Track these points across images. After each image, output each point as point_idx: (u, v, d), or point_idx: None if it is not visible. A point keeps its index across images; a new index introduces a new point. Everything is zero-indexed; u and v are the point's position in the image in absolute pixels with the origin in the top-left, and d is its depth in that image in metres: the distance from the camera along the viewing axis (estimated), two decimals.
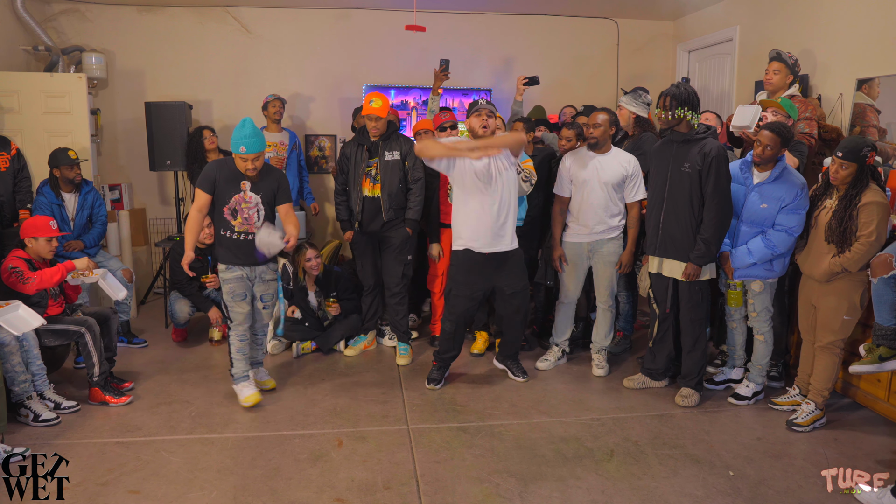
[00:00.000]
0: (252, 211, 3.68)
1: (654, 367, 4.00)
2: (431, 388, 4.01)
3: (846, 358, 3.53)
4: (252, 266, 3.74)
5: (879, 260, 3.12)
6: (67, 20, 5.96)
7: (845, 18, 4.48)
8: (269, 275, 3.84)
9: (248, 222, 3.68)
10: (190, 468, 3.06)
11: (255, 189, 3.68)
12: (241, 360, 3.79)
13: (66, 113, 5.29)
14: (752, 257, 3.60)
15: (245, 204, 3.67)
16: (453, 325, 3.99)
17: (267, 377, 4.03)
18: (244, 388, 3.77)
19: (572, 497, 2.85)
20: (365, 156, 4.38)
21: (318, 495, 2.84)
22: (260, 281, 3.80)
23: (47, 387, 3.65)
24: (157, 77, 6.18)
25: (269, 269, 3.82)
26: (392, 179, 4.37)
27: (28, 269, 3.69)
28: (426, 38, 6.01)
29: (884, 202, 3.23)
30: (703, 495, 2.86)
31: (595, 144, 4.03)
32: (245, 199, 3.67)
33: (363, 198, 4.40)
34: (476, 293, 3.94)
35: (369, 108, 4.24)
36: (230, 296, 3.72)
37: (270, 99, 5.66)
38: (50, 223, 3.84)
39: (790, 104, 3.84)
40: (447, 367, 4.12)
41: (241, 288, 3.73)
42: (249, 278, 3.76)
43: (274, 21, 6.28)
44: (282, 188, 3.77)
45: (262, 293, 3.83)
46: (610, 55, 6.76)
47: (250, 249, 3.65)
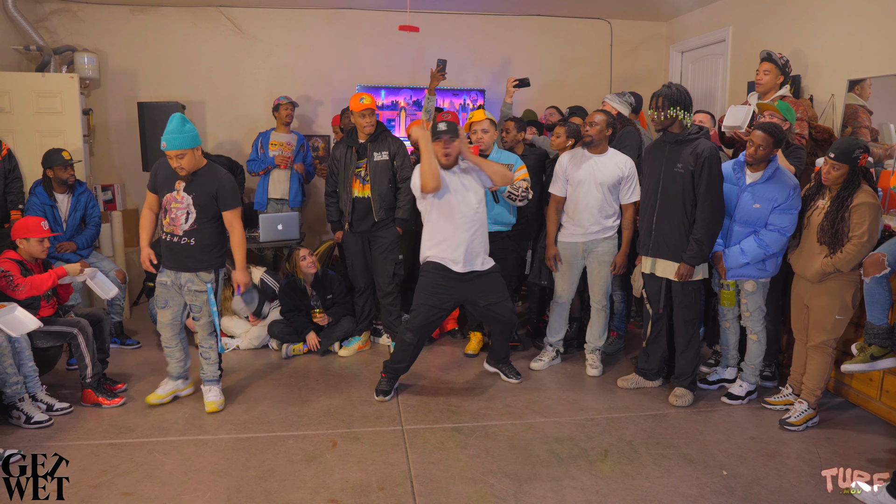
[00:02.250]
0: (181, 212, 3.52)
1: (648, 367, 4.01)
2: (381, 399, 3.83)
3: (838, 357, 3.55)
4: (178, 272, 3.59)
5: (871, 259, 3.15)
6: (59, 20, 5.93)
7: (837, 20, 4.51)
8: (197, 286, 3.59)
9: (175, 223, 3.53)
10: (183, 470, 3.05)
11: (188, 189, 3.52)
12: (169, 361, 3.78)
13: (57, 113, 5.27)
14: (745, 257, 3.61)
15: (175, 204, 3.52)
16: (415, 335, 3.81)
17: (214, 398, 3.71)
18: (161, 385, 3.80)
19: (567, 497, 2.85)
20: (354, 157, 4.39)
21: (313, 496, 2.84)
22: (187, 291, 3.60)
23: (39, 388, 3.63)
24: (149, 77, 6.16)
25: (197, 279, 3.58)
26: (381, 179, 4.38)
27: (20, 271, 3.67)
28: (419, 39, 6.01)
29: (875, 203, 3.25)
30: (696, 495, 2.87)
31: (591, 143, 4.04)
32: (176, 198, 3.53)
33: (353, 199, 4.41)
34: (445, 303, 3.82)
35: (361, 105, 4.25)
36: (156, 300, 3.71)
37: (283, 102, 5.62)
38: (41, 224, 3.81)
39: (787, 107, 3.86)
40: (397, 379, 3.97)
41: (162, 295, 3.65)
42: (174, 285, 3.62)
43: (267, 21, 6.26)
44: (222, 193, 3.54)
45: (191, 304, 3.64)
46: (603, 56, 6.78)
47: (177, 252, 3.55)
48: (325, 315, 4.70)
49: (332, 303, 4.77)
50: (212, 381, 3.76)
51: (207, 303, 3.63)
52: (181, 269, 3.58)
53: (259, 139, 5.62)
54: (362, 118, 4.30)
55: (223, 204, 3.58)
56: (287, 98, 5.68)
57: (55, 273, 3.75)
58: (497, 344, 4.13)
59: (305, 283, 4.72)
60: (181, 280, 3.60)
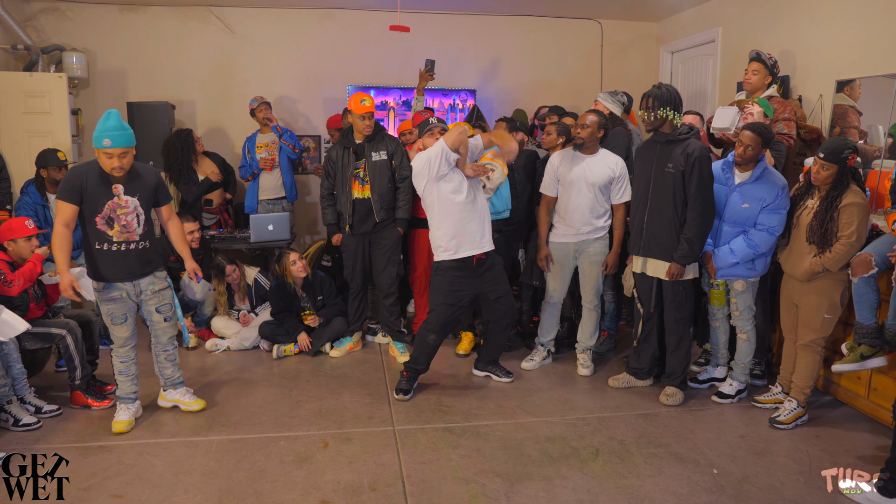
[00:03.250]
0: (131, 217, 3.32)
1: (639, 366, 4.03)
2: (401, 398, 3.86)
3: (827, 356, 3.58)
4: (136, 279, 3.41)
5: (859, 259, 3.17)
6: (47, 19, 5.89)
7: (826, 20, 4.54)
8: (159, 284, 3.48)
9: (128, 230, 3.32)
10: (174, 471, 3.03)
11: (129, 192, 3.31)
12: (125, 380, 3.53)
13: (46, 113, 5.24)
14: (734, 257, 3.63)
15: (121, 210, 3.29)
16: (439, 337, 3.89)
17: (193, 398, 3.71)
18: (121, 411, 3.51)
19: (558, 496, 2.86)
20: (352, 158, 4.38)
21: (304, 497, 2.83)
22: (150, 294, 3.47)
23: (28, 390, 3.61)
24: (139, 77, 6.12)
25: (156, 279, 3.47)
26: (381, 180, 4.37)
27: (10, 271, 3.64)
28: (410, 39, 6.01)
29: (864, 203, 3.28)
30: (687, 493, 2.88)
31: (582, 145, 4.05)
32: (120, 203, 3.29)
33: (353, 200, 4.39)
34: (462, 300, 3.88)
35: (363, 108, 4.25)
36: (109, 318, 3.41)
37: (255, 105, 5.57)
38: (25, 223, 3.76)
39: (766, 103, 3.89)
40: (417, 379, 4.00)
41: (120, 310, 3.41)
42: (132, 296, 3.43)
43: (257, 21, 6.24)
44: (161, 187, 3.44)
45: (158, 305, 3.50)
46: (594, 56, 6.79)
47: (133, 260, 3.35)
48: (316, 317, 4.69)
49: (323, 304, 4.76)
50: (181, 383, 3.75)
51: (173, 298, 3.59)
52: (138, 277, 3.42)
53: (246, 144, 5.61)
54: (362, 120, 4.29)
55: (164, 198, 3.49)
56: (259, 99, 5.61)
57: (36, 256, 3.65)
58: (495, 339, 4.11)
59: (295, 285, 4.71)
60: (140, 286, 3.44)
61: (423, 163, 3.69)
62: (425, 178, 3.70)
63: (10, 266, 3.67)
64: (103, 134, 3.19)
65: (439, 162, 3.64)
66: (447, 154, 3.64)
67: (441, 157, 3.63)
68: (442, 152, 3.63)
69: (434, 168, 3.65)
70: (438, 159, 3.64)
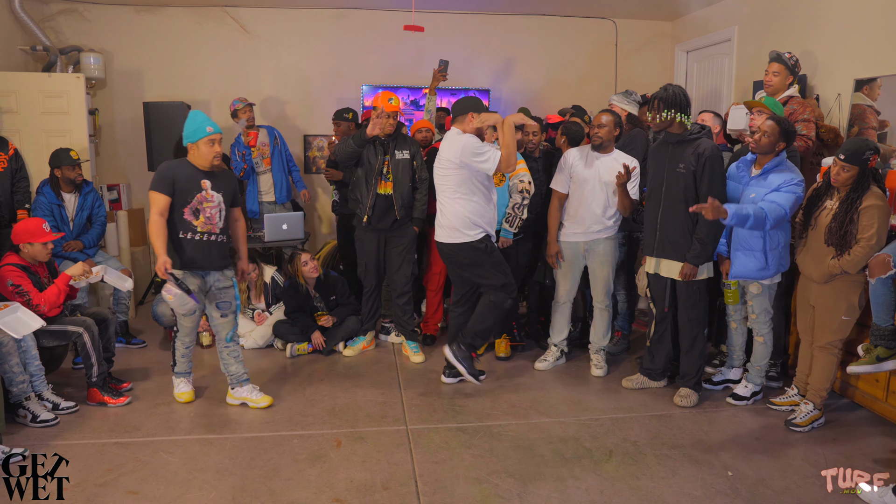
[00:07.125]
0: (214, 210, 3.57)
1: (653, 367, 4.01)
2: (484, 379, 4.06)
3: (844, 358, 3.54)
4: (214, 270, 3.63)
5: (877, 260, 3.13)
6: (65, 20, 5.96)
7: (843, 19, 4.48)
8: (224, 282, 3.68)
9: (211, 222, 3.57)
10: (188, 469, 3.06)
11: (215, 188, 3.58)
12: (184, 361, 3.83)
13: (64, 113, 5.29)
14: (729, 210, 3.29)
15: (207, 203, 3.55)
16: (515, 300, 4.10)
17: (260, 395, 3.78)
18: (182, 383, 3.83)
19: (571, 497, 2.85)
20: (380, 151, 4.40)
21: (317, 496, 2.84)
22: (214, 291, 3.66)
23: (45, 387, 3.65)
24: (155, 77, 6.17)
25: (223, 277, 3.67)
26: (404, 178, 4.43)
27: (27, 277, 3.65)
28: (424, 39, 6.00)
29: (884, 205, 3.23)
30: (701, 495, 2.87)
31: (600, 145, 4.04)
32: (207, 197, 3.55)
33: (376, 194, 4.42)
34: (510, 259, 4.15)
35: (392, 106, 4.31)
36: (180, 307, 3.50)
37: (241, 106, 5.48)
38: (42, 226, 3.78)
39: (774, 102, 3.84)
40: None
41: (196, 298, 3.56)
42: (202, 289, 3.62)
43: (272, 21, 6.27)
44: (237, 190, 3.75)
45: (218, 301, 3.68)
46: (608, 55, 6.76)
47: (213, 251, 3.59)
48: (329, 317, 4.70)
49: (336, 304, 4.77)
50: (247, 380, 3.83)
51: (235, 297, 3.75)
52: (212, 268, 3.62)
53: (234, 147, 5.49)
54: (389, 119, 4.33)
55: (237, 199, 3.74)
56: (244, 100, 5.54)
57: (62, 282, 3.73)
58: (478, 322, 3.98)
59: (308, 286, 4.73)
60: (209, 280, 3.64)
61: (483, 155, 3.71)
62: (469, 165, 3.74)
63: (24, 271, 3.68)
64: (204, 124, 3.47)
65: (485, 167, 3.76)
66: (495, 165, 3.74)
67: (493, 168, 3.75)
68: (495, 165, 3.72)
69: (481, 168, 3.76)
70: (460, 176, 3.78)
